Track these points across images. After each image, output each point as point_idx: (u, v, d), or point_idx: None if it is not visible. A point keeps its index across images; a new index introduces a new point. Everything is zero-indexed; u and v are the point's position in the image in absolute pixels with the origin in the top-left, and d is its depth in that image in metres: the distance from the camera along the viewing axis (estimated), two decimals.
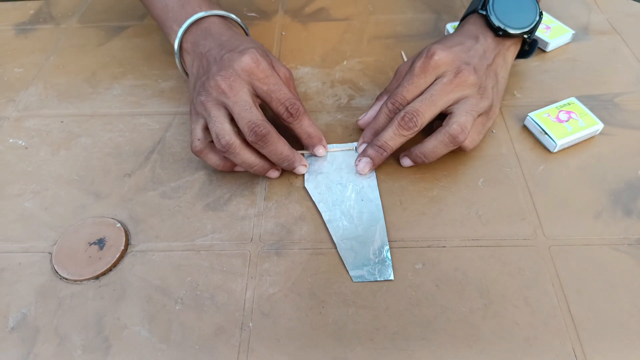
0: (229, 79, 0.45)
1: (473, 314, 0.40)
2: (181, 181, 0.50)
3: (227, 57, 0.46)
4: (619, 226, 0.45)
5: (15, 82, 0.62)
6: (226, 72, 0.45)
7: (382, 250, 0.44)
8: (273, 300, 0.42)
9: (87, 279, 0.43)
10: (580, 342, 0.39)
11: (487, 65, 0.49)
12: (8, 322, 0.41)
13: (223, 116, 0.45)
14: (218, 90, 0.45)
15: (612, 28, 0.65)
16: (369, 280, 0.42)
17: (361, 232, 0.45)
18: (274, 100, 0.46)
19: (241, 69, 0.46)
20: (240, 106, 0.45)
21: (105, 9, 0.73)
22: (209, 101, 0.46)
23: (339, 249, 0.44)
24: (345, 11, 0.71)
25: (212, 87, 0.45)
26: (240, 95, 0.45)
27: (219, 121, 0.45)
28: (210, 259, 0.44)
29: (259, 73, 0.46)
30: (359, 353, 0.39)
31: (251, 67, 0.46)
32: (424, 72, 0.47)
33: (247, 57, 0.46)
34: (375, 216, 0.46)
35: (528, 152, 0.51)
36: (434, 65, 0.47)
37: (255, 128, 0.44)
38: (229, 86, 0.45)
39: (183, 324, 0.41)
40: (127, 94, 0.60)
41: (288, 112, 0.47)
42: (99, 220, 0.47)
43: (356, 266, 0.43)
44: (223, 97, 0.45)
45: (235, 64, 0.46)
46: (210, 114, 0.45)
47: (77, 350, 0.40)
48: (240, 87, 0.45)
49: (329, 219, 0.46)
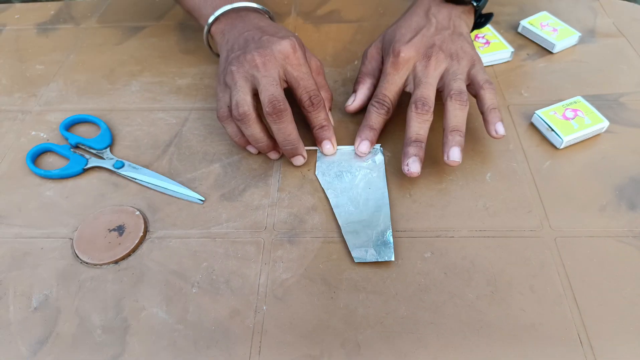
0: (265, 56, 0.48)
1: (480, 300, 0.42)
2: (197, 173, 0.52)
3: (267, 39, 0.49)
4: (623, 219, 0.46)
5: (37, 78, 0.64)
6: (264, 50, 0.48)
7: (385, 234, 0.46)
8: (286, 286, 0.43)
9: (106, 263, 0.45)
10: (585, 328, 0.40)
11: (448, 34, 0.53)
12: (32, 302, 0.43)
13: (247, 88, 0.48)
14: (252, 63, 0.48)
15: (618, 31, 0.66)
16: (369, 261, 0.44)
17: (366, 217, 0.47)
18: (301, 87, 0.49)
19: (279, 51, 0.48)
20: (267, 80, 0.47)
21: (123, 10, 0.76)
22: (239, 72, 0.48)
23: (343, 232, 0.46)
24: (356, 13, 0.73)
25: (247, 60, 0.48)
26: (271, 72, 0.48)
27: (242, 91, 0.48)
28: (226, 246, 0.46)
29: (294, 59, 0.49)
30: (369, 336, 0.40)
31: (288, 52, 0.48)
32: (396, 70, 0.52)
33: (286, 42, 0.49)
34: (381, 203, 0.48)
35: (535, 148, 0.53)
36: (403, 62, 0.51)
37: (274, 102, 0.46)
38: (263, 62, 0.48)
39: (199, 306, 0.42)
40: (145, 90, 0.62)
41: (310, 101, 0.49)
42: (118, 209, 0.49)
43: (357, 246, 0.45)
44: (254, 70, 0.48)
45: (274, 46, 0.48)
46: (236, 84, 0.48)
47: (96, 330, 0.41)
48: (273, 66, 0.48)
49: (335, 204, 0.48)
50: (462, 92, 0.49)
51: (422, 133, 0.49)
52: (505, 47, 0.63)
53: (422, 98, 0.49)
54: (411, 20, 0.55)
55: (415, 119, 0.48)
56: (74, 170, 0.52)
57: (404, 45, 0.51)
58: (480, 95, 0.50)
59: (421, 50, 0.51)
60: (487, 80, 0.50)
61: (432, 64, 0.51)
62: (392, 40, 0.53)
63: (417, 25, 0.54)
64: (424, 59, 0.51)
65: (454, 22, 0.55)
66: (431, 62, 0.51)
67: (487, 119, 0.49)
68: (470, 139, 0.54)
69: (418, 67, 0.51)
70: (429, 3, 0.56)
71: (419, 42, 0.52)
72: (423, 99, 0.49)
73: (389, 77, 0.52)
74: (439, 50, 0.51)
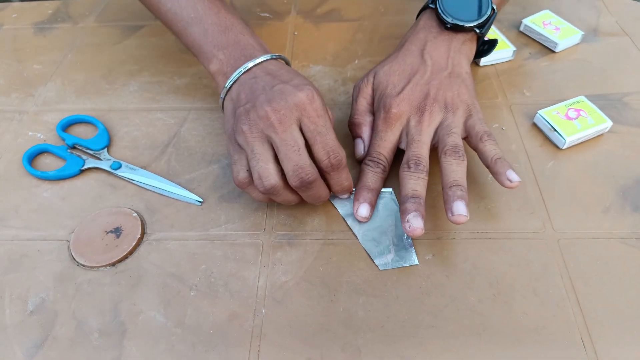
0: (280, 111, 0.42)
1: (482, 303, 0.41)
2: (196, 173, 0.51)
3: (279, 89, 0.43)
4: (627, 221, 0.46)
5: (34, 78, 0.64)
6: (277, 104, 0.42)
7: (403, 238, 0.45)
8: (285, 288, 0.43)
9: (103, 265, 0.44)
10: (588, 331, 0.39)
11: (445, 75, 0.50)
12: (28, 305, 0.42)
13: (267, 153, 0.42)
14: (266, 122, 0.42)
15: (622, 30, 0.66)
16: (395, 267, 0.44)
17: (379, 222, 0.47)
18: (319, 143, 0.43)
19: (294, 103, 0.42)
20: (288, 146, 0.41)
21: (121, 9, 0.75)
22: (252, 133, 0.42)
23: (362, 241, 0.45)
24: (356, 12, 0.72)
25: (260, 117, 0.42)
26: (290, 132, 0.42)
27: (262, 160, 0.42)
28: (224, 248, 0.45)
29: (312, 111, 0.43)
30: (370, 339, 0.39)
31: (305, 103, 0.42)
32: (388, 127, 0.48)
33: (302, 94, 0.43)
34: (390, 207, 0.48)
35: (537, 148, 0.52)
36: (395, 118, 0.48)
37: (301, 174, 0.41)
38: (278, 120, 0.41)
39: (198, 310, 0.41)
40: (143, 90, 0.61)
41: (330, 162, 0.43)
42: (116, 210, 0.48)
43: (380, 254, 0.45)
44: (270, 130, 0.42)
45: (289, 98, 0.42)
46: (253, 150, 0.42)
47: (93, 334, 0.41)
48: (290, 122, 0.42)
49: (345, 214, 0.47)
50: (457, 147, 0.45)
51: (419, 189, 0.44)
52: (507, 46, 0.62)
53: (415, 157, 0.45)
54: (404, 62, 0.51)
55: (410, 177, 0.44)
56: (71, 172, 0.51)
57: (395, 99, 0.48)
58: (480, 149, 0.46)
59: (414, 103, 0.48)
60: (486, 131, 0.46)
61: (426, 119, 0.47)
62: (384, 91, 0.50)
63: (411, 70, 0.50)
64: (417, 113, 0.48)
65: (453, 59, 0.51)
66: (424, 116, 0.47)
67: (495, 170, 0.44)
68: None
69: (411, 123, 0.48)
70: (426, 37, 0.52)
71: (412, 93, 0.48)
72: (416, 158, 0.45)
73: (382, 134, 0.48)
74: (434, 101, 0.48)
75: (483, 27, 0.52)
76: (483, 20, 0.51)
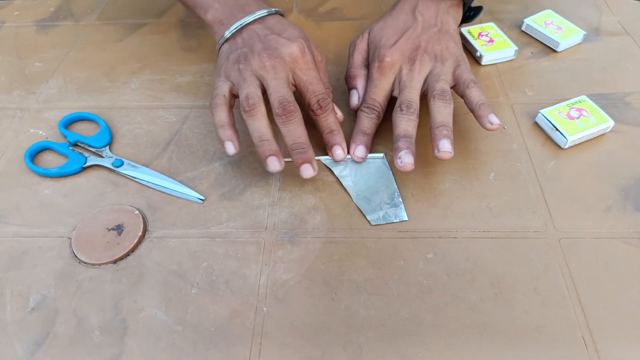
0: (274, 59, 0.48)
1: (483, 302, 0.41)
2: (197, 171, 0.51)
3: (274, 39, 0.49)
4: (629, 220, 0.46)
5: (36, 75, 0.64)
6: (272, 52, 0.48)
7: (394, 196, 0.48)
8: (287, 286, 0.43)
9: (105, 263, 0.44)
10: (590, 331, 0.39)
11: (435, 32, 0.53)
12: (29, 302, 0.42)
13: (257, 83, 0.47)
14: (261, 64, 0.47)
15: (623, 29, 0.66)
16: (386, 222, 0.46)
17: (371, 184, 0.50)
18: (309, 92, 0.49)
19: (288, 54, 0.48)
20: (277, 82, 0.47)
21: (123, 7, 0.75)
22: (247, 69, 0.48)
23: (355, 200, 0.48)
24: (358, 11, 0.72)
25: (256, 60, 0.48)
26: (281, 75, 0.47)
27: (252, 85, 0.47)
28: (226, 246, 0.45)
29: (303, 64, 0.49)
30: (371, 338, 0.39)
31: (297, 56, 0.48)
32: (382, 74, 0.52)
33: (295, 46, 0.48)
34: (382, 170, 0.51)
35: (539, 148, 0.52)
36: (388, 67, 0.52)
37: (285, 103, 0.46)
38: (272, 65, 0.47)
39: (199, 307, 0.41)
40: (145, 88, 0.61)
41: (318, 104, 0.49)
42: (117, 208, 0.48)
43: (372, 211, 0.47)
44: (263, 71, 0.47)
45: (283, 49, 0.48)
46: (245, 79, 0.47)
47: (95, 331, 0.41)
48: (282, 69, 0.48)
49: (341, 175, 0.50)
50: (444, 91, 0.49)
51: (410, 130, 0.48)
52: (509, 45, 0.62)
53: (406, 101, 0.49)
54: (397, 18, 0.55)
55: (401, 118, 0.48)
56: (72, 169, 0.51)
57: (389, 50, 0.52)
58: (467, 95, 0.49)
59: (406, 54, 0.52)
60: (472, 79, 0.50)
61: (417, 68, 0.51)
62: (378, 43, 0.53)
63: (403, 25, 0.54)
64: (409, 63, 0.51)
65: (441, 18, 0.55)
66: (415, 65, 0.51)
67: (478, 114, 0.48)
68: (473, 139, 0.53)
69: (403, 71, 0.51)
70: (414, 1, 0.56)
71: (404, 44, 0.52)
72: (407, 101, 0.49)
73: (376, 81, 0.52)
74: (424, 52, 0.51)
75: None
76: None
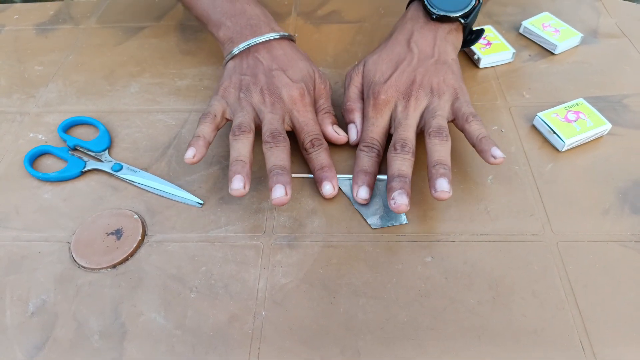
0: (274, 97, 0.50)
1: (481, 305, 0.41)
2: (196, 175, 0.52)
3: (277, 76, 0.51)
4: (626, 223, 0.46)
5: (36, 79, 0.64)
6: (274, 91, 0.50)
7: None
8: (285, 290, 0.43)
9: (104, 267, 0.45)
10: (587, 334, 0.39)
11: (432, 63, 0.52)
12: (28, 307, 0.42)
13: (252, 115, 0.50)
14: (261, 99, 0.50)
15: (621, 32, 0.66)
16: (386, 226, 0.47)
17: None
18: (304, 131, 0.50)
19: (288, 96, 0.50)
20: (273, 117, 0.49)
21: (122, 10, 0.75)
22: (246, 100, 0.50)
23: (354, 203, 0.48)
24: (356, 14, 0.72)
25: (257, 93, 0.50)
26: (278, 112, 0.50)
27: (248, 116, 0.49)
28: (224, 250, 0.46)
29: (301, 106, 0.51)
30: (369, 342, 0.40)
31: (297, 99, 0.50)
32: (378, 112, 0.51)
33: (296, 90, 0.50)
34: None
35: (537, 151, 0.52)
36: (383, 104, 0.51)
37: (276, 133, 0.47)
38: (271, 102, 0.50)
39: (198, 311, 0.42)
40: (144, 91, 0.61)
41: (311, 142, 0.50)
42: (117, 212, 0.48)
43: (372, 214, 0.47)
44: (262, 105, 0.50)
45: (284, 90, 0.50)
46: (243, 108, 0.50)
47: (94, 336, 0.41)
48: (280, 108, 0.50)
49: (340, 177, 0.50)
50: (440, 128, 0.47)
51: (404, 169, 0.46)
52: (506, 48, 0.62)
53: (400, 140, 0.47)
54: (392, 51, 0.53)
55: (395, 158, 0.46)
56: (72, 173, 0.51)
57: (383, 87, 0.50)
58: (466, 129, 0.48)
59: (401, 89, 0.50)
60: (472, 112, 0.48)
61: (412, 104, 0.49)
62: (372, 78, 0.52)
63: (398, 58, 0.52)
64: (404, 99, 0.50)
65: (439, 47, 0.53)
66: (410, 102, 0.49)
67: (480, 148, 0.46)
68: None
69: (398, 108, 0.50)
70: (412, 27, 0.54)
71: (399, 79, 0.51)
72: (402, 140, 0.47)
73: (372, 120, 0.51)
74: (419, 87, 0.50)
75: (468, 17, 0.54)
76: (468, 11, 0.53)
